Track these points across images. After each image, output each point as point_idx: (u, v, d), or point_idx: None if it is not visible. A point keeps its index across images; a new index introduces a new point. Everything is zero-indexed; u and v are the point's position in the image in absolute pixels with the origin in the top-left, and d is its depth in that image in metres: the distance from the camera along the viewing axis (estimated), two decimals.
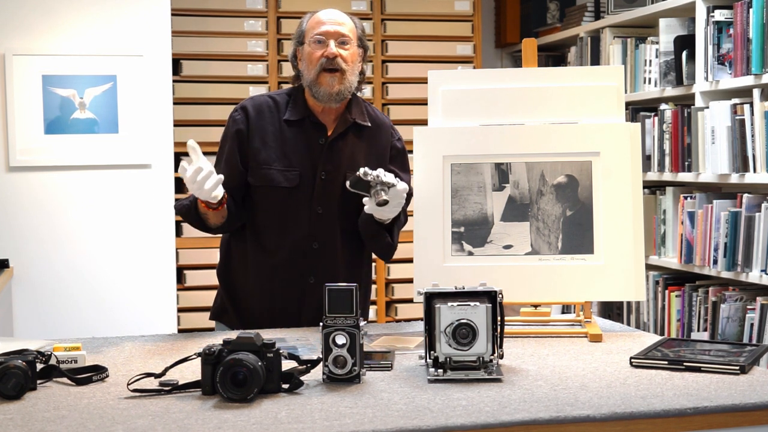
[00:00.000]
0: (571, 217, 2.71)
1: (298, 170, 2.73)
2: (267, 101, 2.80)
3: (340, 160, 2.76)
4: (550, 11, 5.66)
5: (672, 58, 4.38)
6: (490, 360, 2.09)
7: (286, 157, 2.74)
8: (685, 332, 4.26)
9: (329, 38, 2.72)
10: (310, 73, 2.72)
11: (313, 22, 2.76)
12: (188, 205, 2.71)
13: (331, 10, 2.79)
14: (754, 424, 1.89)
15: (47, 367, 2.11)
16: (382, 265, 5.13)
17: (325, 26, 2.73)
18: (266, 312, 2.77)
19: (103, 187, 4.34)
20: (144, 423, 1.78)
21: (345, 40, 2.73)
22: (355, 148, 2.79)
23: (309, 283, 2.75)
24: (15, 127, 4.20)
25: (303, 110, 2.77)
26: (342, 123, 2.77)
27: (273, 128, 2.76)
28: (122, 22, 4.34)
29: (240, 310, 2.81)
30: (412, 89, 5.17)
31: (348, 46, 2.73)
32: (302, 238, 2.74)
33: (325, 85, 2.70)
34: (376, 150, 2.82)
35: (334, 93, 2.71)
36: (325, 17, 2.76)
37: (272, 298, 2.76)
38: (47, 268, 4.27)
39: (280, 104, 2.79)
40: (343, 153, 2.77)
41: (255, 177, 2.74)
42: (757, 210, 3.85)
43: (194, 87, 4.93)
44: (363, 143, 2.80)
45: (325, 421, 1.78)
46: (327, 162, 2.75)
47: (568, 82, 2.80)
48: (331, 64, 2.70)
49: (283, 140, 2.75)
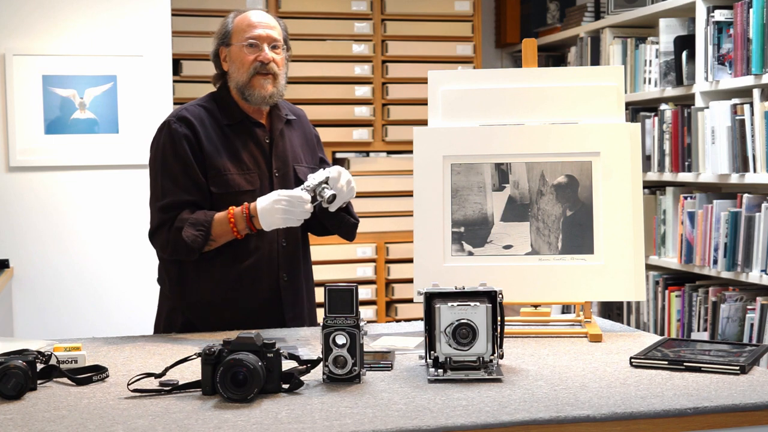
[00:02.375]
0: (571, 218, 2.71)
1: (255, 172, 2.72)
2: (199, 110, 2.74)
3: (285, 155, 2.78)
4: (550, 11, 5.66)
5: (672, 58, 4.38)
6: (490, 360, 2.09)
7: (239, 161, 2.70)
8: (685, 332, 4.26)
9: (263, 42, 2.72)
10: (242, 76, 2.71)
11: (244, 24, 2.74)
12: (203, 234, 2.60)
13: (260, 12, 2.79)
14: (754, 424, 1.89)
15: (47, 367, 2.11)
16: (382, 265, 5.14)
17: (257, 30, 2.72)
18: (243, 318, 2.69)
19: (103, 187, 4.34)
20: (144, 423, 1.78)
21: (276, 44, 2.74)
22: (293, 141, 2.83)
23: (283, 280, 2.75)
24: (15, 127, 4.20)
25: (238, 113, 2.75)
26: (277, 119, 2.79)
27: (216, 134, 2.71)
28: (122, 22, 4.35)
29: (209, 323, 2.70)
30: (412, 89, 5.17)
31: (278, 50, 2.75)
32: (272, 238, 2.72)
33: (258, 88, 2.70)
34: (307, 139, 2.89)
35: (267, 96, 2.71)
36: (255, 19, 2.74)
37: (247, 302, 2.71)
38: (47, 268, 4.27)
39: (212, 111, 2.74)
40: (286, 147, 2.79)
41: (217, 185, 2.67)
42: (757, 210, 3.85)
43: (194, 87, 4.92)
44: (294, 135, 2.85)
45: (325, 421, 1.78)
46: (276, 159, 2.76)
47: (568, 82, 2.80)
48: (265, 69, 2.70)
49: (230, 145, 2.71)
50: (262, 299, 2.74)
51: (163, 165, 2.69)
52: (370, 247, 5.14)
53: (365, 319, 2.27)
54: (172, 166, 2.67)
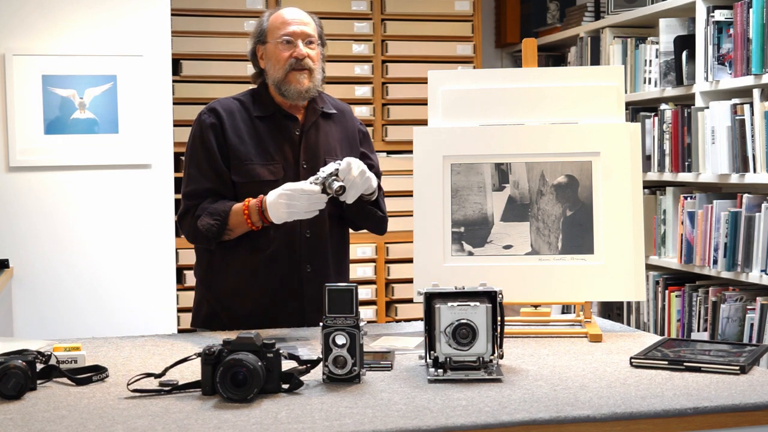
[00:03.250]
0: (571, 218, 2.71)
1: (280, 163, 2.75)
2: (233, 102, 2.82)
3: (316, 147, 2.80)
4: (550, 11, 5.66)
5: (672, 58, 4.38)
6: (490, 360, 2.09)
7: (265, 152, 2.75)
8: (685, 332, 4.26)
9: (297, 38, 2.76)
10: (278, 73, 2.76)
11: (278, 22, 2.79)
12: (219, 224, 2.66)
13: (295, 9, 2.82)
14: (754, 424, 1.89)
15: (47, 367, 2.11)
16: (383, 265, 5.13)
17: (292, 26, 2.77)
18: (266, 308, 2.74)
19: (103, 187, 4.34)
20: (144, 423, 1.78)
21: (311, 39, 2.78)
22: (328, 135, 2.84)
23: (306, 271, 2.75)
24: (15, 127, 4.20)
25: (271, 106, 2.80)
26: (312, 112, 2.82)
27: (246, 126, 2.77)
28: (122, 22, 4.34)
29: (233, 312, 2.76)
30: (412, 89, 5.17)
31: (313, 46, 2.79)
32: (295, 228, 2.73)
33: (294, 83, 2.74)
34: (347, 134, 2.89)
35: (303, 90, 2.75)
36: (289, 17, 2.79)
37: (270, 292, 2.74)
38: (47, 268, 4.27)
39: (246, 104, 2.82)
40: (318, 141, 2.81)
41: (239, 174, 2.73)
42: (757, 210, 3.85)
43: (194, 87, 4.92)
44: (333, 129, 2.86)
45: (325, 421, 1.78)
46: (306, 151, 2.78)
47: (568, 82, 2.80)
48: (301, 64, 2.74)
49: (258, 136, 2.77)
50: (282, 291, 2.74)
51: (191, 154, 2.79)
52: (370, 247, 5.14)
53: (365, 319, 2.27)
54: (199, 154, 2.76)
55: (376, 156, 2.95)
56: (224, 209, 2.66)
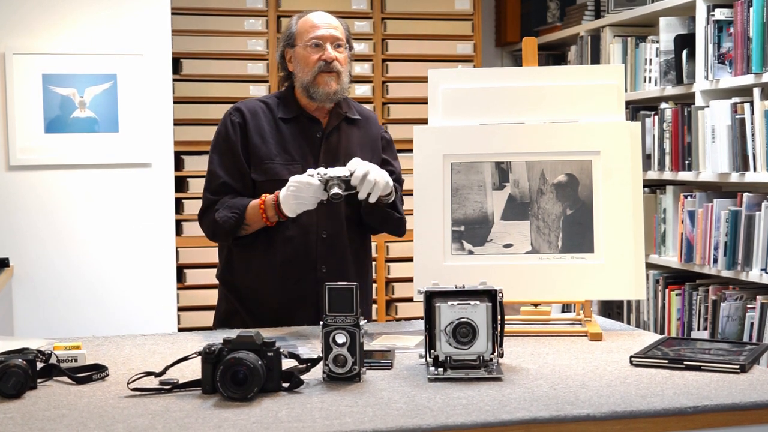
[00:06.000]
0: (571, 216, 2.71)
1: (300, 163, 2.78)
2: (258, 104, 2.88)
3: (337, 151, 2.83)
4: (551, 10, 5.66)
5: (672, 57, 4.38)
6: (490, 359, 2.09)
7: (286, 152, 2.80)
8: (685, 331, 4.26)
9: (326, 42, 2.80)
10: (307, 75, 2.80)
11: (307, 26, 2.83)
12: (237, 217, 2.71)
13: (323, 13, 2.87)
14: (754, 423, 1.89)
15: (47, 366, 2.11)
16: (383, 264, 5.13)
17: (320, 30, 2.81)
18: (282, 308, 2.77)
19: (103, 186, 4.34)
20: (144, 422, 1.78)
21: (339, 43, 2.82)
22: (350, 140, 2.87)
23: (322, 272, 2.78)
24: (15, 125, 4.20)
25: (296, 108, 2.85)
26: (335, 116, 2.86)
27: (269, 126, 2.82)
28: (122, 21, 4.34)
29: (252, 311, 2.81)
30: (412, 88, 5.17)
31: (341, 49, 2.83)
32: (311, 229, 2.77)
33: (323, 86, 2.78)
34: (369, 140, 2.91)
35: (332, 93, 2.79)
36: (318, 21, 2.83)
37: (286, 292, 2.78)
38: (47, 267, 4.27)
39: (271, 105, 2.87)
40: (339, 144, 2.85)
41: (258, 172, 2.78)
42: (758, 209, 3.85)
43: (194, 86, 4.93)
44: (355, 135, 2.88)
45: (325, 420, 1.78)
46: (326, 154, 2.82)
47: (568, 81, 2.80)
48: (329, 67, 2.78)
49: (280, 136, 2.82)
50: (299, 291, 2.77)
51: (214, 151, 2.86)
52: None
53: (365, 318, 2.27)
54: (220, 152, 2.83)
55: (398, 163, 2.97)
56: (242, 204, 2.73)
